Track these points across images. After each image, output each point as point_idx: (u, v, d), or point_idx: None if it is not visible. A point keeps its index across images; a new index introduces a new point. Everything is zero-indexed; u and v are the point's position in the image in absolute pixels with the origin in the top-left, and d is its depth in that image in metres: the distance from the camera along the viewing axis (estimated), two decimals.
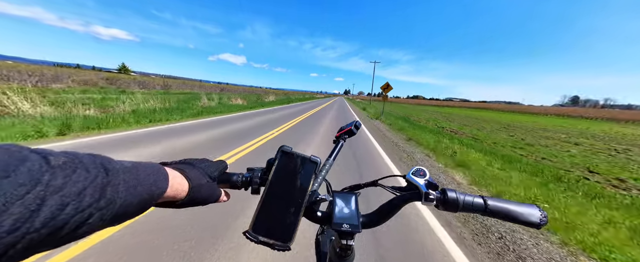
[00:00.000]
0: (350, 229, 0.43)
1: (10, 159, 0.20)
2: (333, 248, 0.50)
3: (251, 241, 0.38)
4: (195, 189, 0.39)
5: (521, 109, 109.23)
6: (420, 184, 0.46)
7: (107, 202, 0.25)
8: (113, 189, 0.26)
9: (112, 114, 7.18)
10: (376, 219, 0.48)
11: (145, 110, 8.76)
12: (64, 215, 0.21)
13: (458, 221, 2.62)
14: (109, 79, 31.98)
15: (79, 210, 0.22)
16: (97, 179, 0.24)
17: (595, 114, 71.21)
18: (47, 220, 0.20)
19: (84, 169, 0.24)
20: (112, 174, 0.26)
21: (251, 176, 0.47)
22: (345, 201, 0.47)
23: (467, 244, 2.24)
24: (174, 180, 0.36)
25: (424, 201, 0.44)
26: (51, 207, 0.20)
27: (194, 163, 0.42)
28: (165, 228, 1.99)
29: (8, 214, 0.18)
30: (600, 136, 16.68)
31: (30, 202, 0.19)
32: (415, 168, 0.49)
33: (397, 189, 0.52)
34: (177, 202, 0.37)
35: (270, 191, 0.42)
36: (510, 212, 0.41)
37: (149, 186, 0.31)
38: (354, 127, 0.72)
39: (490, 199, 0.42)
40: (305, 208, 0.43)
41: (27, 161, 0.20)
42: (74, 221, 0.22)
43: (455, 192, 0.43)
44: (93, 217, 0.23)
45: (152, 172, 0.32)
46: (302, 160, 0.45)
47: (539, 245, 2.29)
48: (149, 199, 0.31)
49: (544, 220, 0.41)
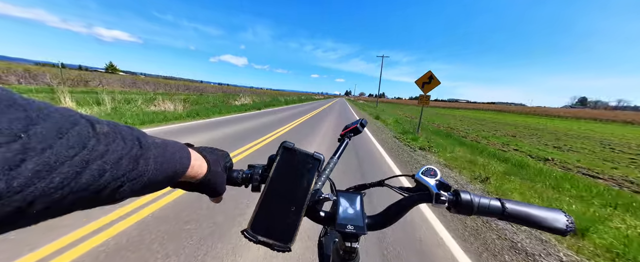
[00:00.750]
0: (355, 231, 0.41)
1: (64, 121, 0.21)
2: (336, 250, 0.48)
3: (250, 240, 0.37)
4: (212, 173, 0.39)
5: (532, 111, 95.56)
6: (431, 184, 0.44)
7: (138, 174, 0.26)
8: (144, 162, 0.27)
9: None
10: (383, 220, 0.46)
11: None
12: (102, 180, 0.22)
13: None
14: (73, 79, 27.70)
15: (115, 177, 0.23)
16: (133, 151, 0.26)
17: (616, 117, 64.20)
18: (89, 182, 0.21)
19: (122, 140, 0.25)
20: (145, 147, 0.27)
21: (252, 172, 0.46)
22: (350, 201, 0.45)
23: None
24: (195, 161, 0.36)
25: (434, 203, 0.42)
26: (93, 171, 0.21)
27: (213, 150, 0.43)
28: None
29: (57, 172, 0.19)
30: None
31: (77, 164, 0.20)
32: (425, 167, 0.48)
33: (405, 190, 0.51)
34: (193, 183, 0.38)
35: (271, 188, 0.40)
36: (531, 217, 0.39)
37: (174, 164, 0.32)
38: (359, 125, 0.70)
39: (508, 201, 0.41)
40: (308, 208, 0.42)
41: (77, 125, 0.22)
42: (110, 186, 0.23)
43: (469, 194, 0.42)
44: (125, 186, 0.25)
45: (178, 150, 0.33)
46: (304, 157, 0.43)
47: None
48: (173, 176, 0.32)
49: (570, 226, 0.38)
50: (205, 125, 7.30)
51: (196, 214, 2.21)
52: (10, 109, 0.18)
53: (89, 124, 0.23)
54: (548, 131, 17.91)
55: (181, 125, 7.11)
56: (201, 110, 10.44)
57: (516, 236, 2.38)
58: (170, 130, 6.24)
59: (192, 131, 6.29)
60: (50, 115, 0.20)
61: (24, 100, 0.20)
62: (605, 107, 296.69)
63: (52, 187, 0.19)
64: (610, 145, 11.90)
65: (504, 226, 2.52)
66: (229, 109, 12.78)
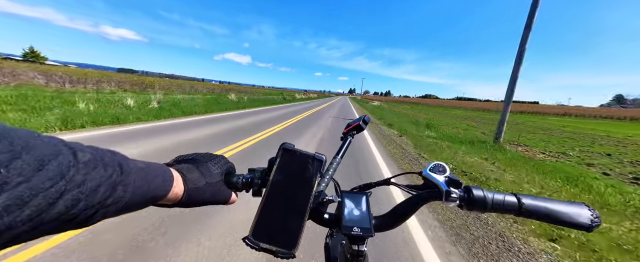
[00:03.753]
0: (362, 233, 0.39)
1: (47, 152, 0.21)
2: (343, 253, 0.47)
3: (252, 248, 0.35)
4: (191, 192, 0.38)
5: (571, 111, 62.57)
6: (440, 181, 0.43)
7: (114, 201, 0.26)
8: (123, 188, 0.27)
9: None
10: (390, 221, 0.45)
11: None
12: (75, 209, 0.22)
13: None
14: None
15: (89, 206, 0.23)
16: (112, 178, 0.25)
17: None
18: (61, 212, 0.21)
19: (103, 167, 0.25)
20: (125, 173, 0.27)
21: (252, 176, 0.44)
22: (355, 202, 0.44)
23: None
24: (177, 183, 0.36)
25: (445, 200, 0.40)
26: (66, 201, 0.21)
27: (198, 162, 0.42)
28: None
29: (28, 206, 0.19)
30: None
31: (51, 196, 0.20)
32: (433, 163, 0.46)
33: (412, 188, 0.48)
34: (175, 203, 0.37)
35: (272, 192, 0.39)
36: (552, 213, 0.37)
37: (155, 188, 0.32)
38: (362, 122, 0.70)
39: (525, 197, 0.39)
40: (312, 210, 0.40)
41: (59, 155, 0.22)
42: (82, 214, 0.23)
43: (482, 190, 0.40)
44: (98, 213, 0.24)
45: (160, 174, 0.33)
46: (305, 158, 0.42)
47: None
48: (152, 199, 0.32)
49: (596, 221, 0.36)
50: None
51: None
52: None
53: (71, 153, 0.23)
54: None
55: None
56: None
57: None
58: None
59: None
60: (35, 146, 0.20)
61: (10, 131, 0.20)
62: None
63: (20, 221, 0.18)
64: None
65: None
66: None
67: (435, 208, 2.72)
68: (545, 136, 12.90)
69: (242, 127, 7.14)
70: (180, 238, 1.85)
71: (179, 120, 7.36)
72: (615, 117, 50.84)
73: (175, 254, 1.68)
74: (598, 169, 6.05)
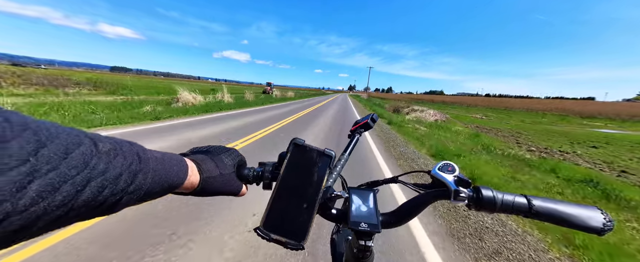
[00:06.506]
0: (369, 229, 0.40)
1: (70, 142, 0.22)
2: (350, 249, 0.47)
3: (263, 238, 0.36)
4: (206, 181, 0.39)
5: (599, 109, 38.92)
6: (449, 180, 0.42)
7: (136, 188, 0.27)
8: (143, 176, 0.28)
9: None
10: (397, 218, 0.45)
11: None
12: (101, 196, 0.23)
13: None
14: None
15: (114, 192, 0.25)
16: (132, 166, 0.27)
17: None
18: (89, 199, 0.22)
19: (122, 156, 0.26)
20: (144, 162, 0.29)
21: (263, 170, 0.45)
22: (363, 198, 0.44)
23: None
24: (192, 172, 0.37)
25: (453, 200, 0.40)
26: (93, 189, 0.23)
27: (212, 154, 0.43)
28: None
29: (60, 191, 0.20)
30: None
31: (79, 183, 0.21)
32: (443, 162, 0.45)
33: (420, 187, 0.48)
34: (191, 191, 0.39)
35: (282, 186, 0.40)
36: (562, 215, 0.36)
37: (172, 177, 0.33)
38: (370, 120, 0.69)
39: (535, 198, 0.38)
40: (320, 205, 0.41)
41: (81, 145, 0.23)
42: (108, 201, 0.24)
43: (491, 191, 0.39)
44: (123, 200, 0.26)
45: (176, 164, 0.34)
46: (315, 153, 0.42)
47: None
48: (169, 188, 0.33)
49: (608, 225, 0.35)
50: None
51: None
52: (24, 133, 0.19)
53: (92, 143, 0.24)
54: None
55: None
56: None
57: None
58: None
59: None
60: (58, 136, 0.21)
61: (35, 123, 0.21)
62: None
63: (54, 206, 0.20)
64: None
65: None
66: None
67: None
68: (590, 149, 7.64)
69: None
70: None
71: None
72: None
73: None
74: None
